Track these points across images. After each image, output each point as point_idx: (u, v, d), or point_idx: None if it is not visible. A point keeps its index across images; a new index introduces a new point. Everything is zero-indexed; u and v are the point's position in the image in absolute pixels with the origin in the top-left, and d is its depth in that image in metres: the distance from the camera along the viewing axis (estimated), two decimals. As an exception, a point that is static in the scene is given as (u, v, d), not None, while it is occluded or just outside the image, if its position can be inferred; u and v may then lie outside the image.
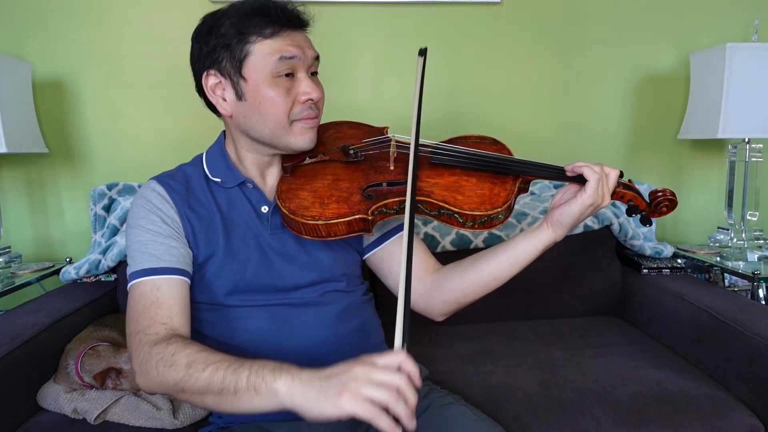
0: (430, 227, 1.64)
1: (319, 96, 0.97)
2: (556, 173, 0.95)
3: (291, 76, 0.94)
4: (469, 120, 1.92)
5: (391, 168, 0.99)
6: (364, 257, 1.11)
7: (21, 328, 1.22)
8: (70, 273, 1.58)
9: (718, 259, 1.70)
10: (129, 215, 0.98)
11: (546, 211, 1.27)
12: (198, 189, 1.00)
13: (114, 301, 1.58)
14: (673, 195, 0.96)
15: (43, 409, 1.17)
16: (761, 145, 1.70)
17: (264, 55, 0.92)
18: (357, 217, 0.92)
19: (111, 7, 1.78)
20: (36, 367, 1.20)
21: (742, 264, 1.64)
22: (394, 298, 0.73)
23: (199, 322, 0.98)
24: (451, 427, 0.95)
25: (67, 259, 1.72)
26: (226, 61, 0.93)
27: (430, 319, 1.09)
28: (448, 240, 1.63)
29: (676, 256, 1.77)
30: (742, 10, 1.92)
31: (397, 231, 1.08)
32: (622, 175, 0.95)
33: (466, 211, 0.91)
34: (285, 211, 0.94)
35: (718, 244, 1.82)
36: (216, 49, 0.93)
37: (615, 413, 1.14)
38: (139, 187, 1.71)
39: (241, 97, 0.94)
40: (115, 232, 1.64)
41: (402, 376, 0.66)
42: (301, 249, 1.00)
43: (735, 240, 1.75)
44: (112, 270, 1.61)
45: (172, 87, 1.79)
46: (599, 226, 1.70)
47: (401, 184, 0.95)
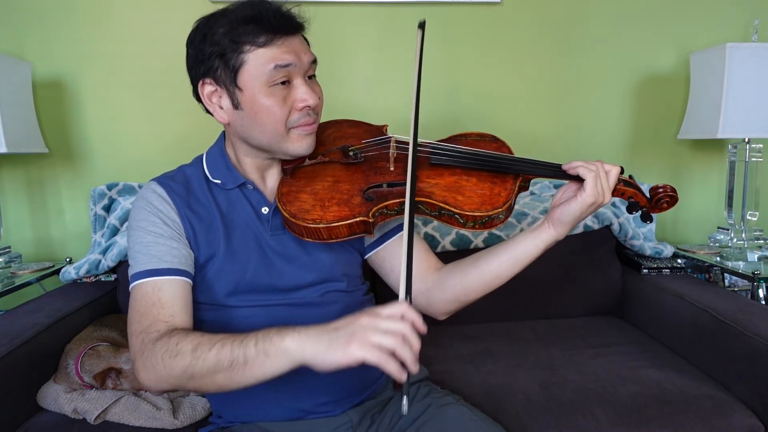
0: (430, 227, 1.64)
1: (317, 102, 0.95)
2: (556, 171, 0.94)
3: (287, 83, 0.92)
4: (469, 120, 1.92)
5: (391, 168, 0.99)
6: (366, 257, 1.11)
7: (21, 328, 1.22)
8: (70, 273, 1.58)
9: (718, 259, 1.70)
10: (130, 217, 0.98)
11: (546, 211, 1.27)
12: (198, 190, 1.00)
13: (114, 301, 1.58)
14: (673, 191, 0.95)
15: (43, 409, 1.17)
16: (761, 145, 1.70)
17: (259, 64, 0.90)
18: (358, 219, 0.92)
19: (111, 7, 1.78)
20: (36, 367, 1.21)
21: (742, 264, 1.64)
22: (395, 298, 0.74)
23: (200, 323, 0.97)
24: (451, 427, 0.95)
25: (67, 259, 1.72)
26: (221, 70, 0.92)
27: (432, 318, 1.09)
28: (448, 240, 1.63)
29: (676, 256, 1.77)
30: (742, 10, 1.92)
31: (398, 230, 1.08)
32: (622, 171, 0.94)
33: (467, 212, 0.91)
34: (286, 214, 0.94)
35: (718, 244, 1.82)
36: (210, 57, 0.91)
37: (615, 413, 1.14)
38: (139, 187, 1.72)
39: (237, 106, 0.93)
40: (115, 232, 1.64)
41: (406, 323, 0.70)
42: (302, 250, 1.00)
43: (735, 240, 1.75)
44: (112, 270, 1.61)
45: (172, 87, 1.79)
46: (599, 226, 1.70)
47: (401, 185, 0.95)
